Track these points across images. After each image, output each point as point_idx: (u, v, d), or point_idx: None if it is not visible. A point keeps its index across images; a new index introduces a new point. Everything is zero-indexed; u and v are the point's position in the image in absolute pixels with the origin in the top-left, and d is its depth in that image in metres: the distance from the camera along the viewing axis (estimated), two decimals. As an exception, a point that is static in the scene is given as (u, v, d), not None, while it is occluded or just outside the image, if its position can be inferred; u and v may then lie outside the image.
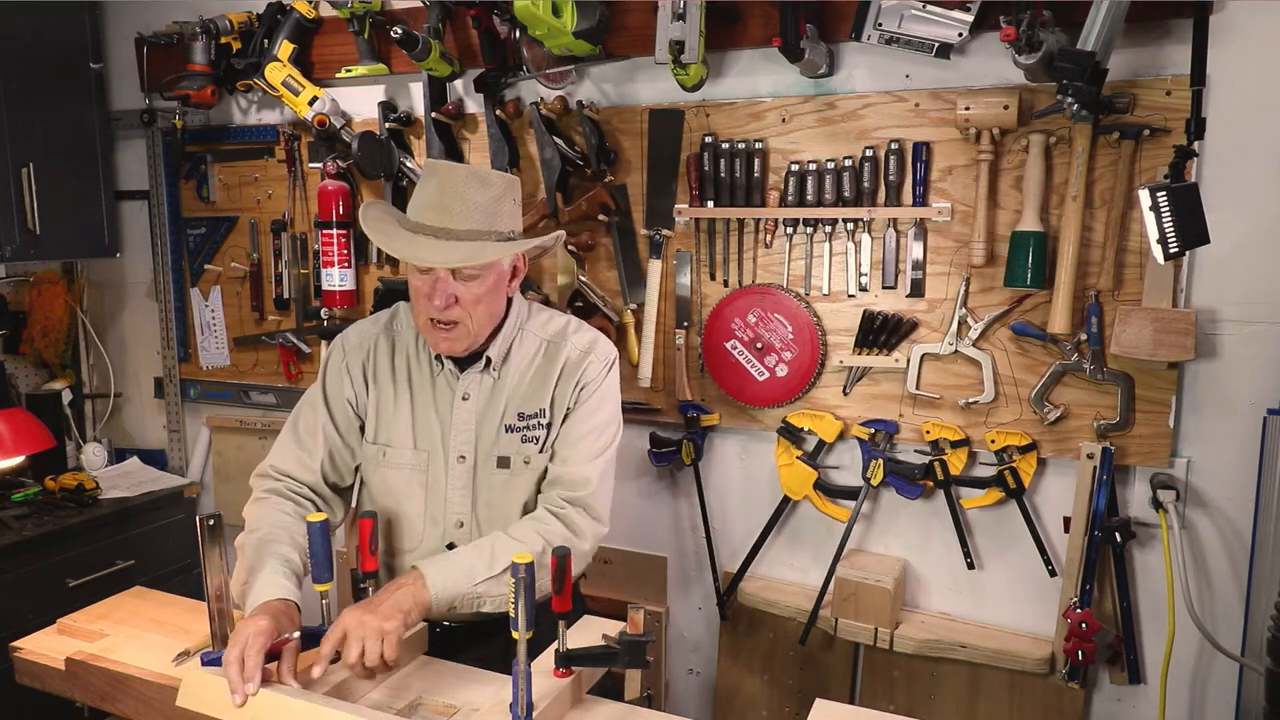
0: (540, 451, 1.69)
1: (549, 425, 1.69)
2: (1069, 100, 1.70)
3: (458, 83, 2.46)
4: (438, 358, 1.68)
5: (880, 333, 2.12)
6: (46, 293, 2.98)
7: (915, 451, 2.16)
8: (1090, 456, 1.95)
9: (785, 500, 2.28)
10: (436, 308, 1.57)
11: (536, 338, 1.73)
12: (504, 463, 1.68)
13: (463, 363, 1.69)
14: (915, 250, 2.07)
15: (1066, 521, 2.02)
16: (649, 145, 2.27)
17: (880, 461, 2.13)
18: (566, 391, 1.69)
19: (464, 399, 1.68)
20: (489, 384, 1.69)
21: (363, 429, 1.73)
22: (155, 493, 2.86)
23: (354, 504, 1.83)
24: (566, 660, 1.41)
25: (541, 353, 1.72)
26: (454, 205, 1.55)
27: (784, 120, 2.15)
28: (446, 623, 1.69)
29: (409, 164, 2.49)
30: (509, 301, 1.70)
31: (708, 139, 2.20)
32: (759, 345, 2.21)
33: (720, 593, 2.38)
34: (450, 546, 1.67)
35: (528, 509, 1.70)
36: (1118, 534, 1.95)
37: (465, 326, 1.60)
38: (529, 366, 1.71)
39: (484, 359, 1.68)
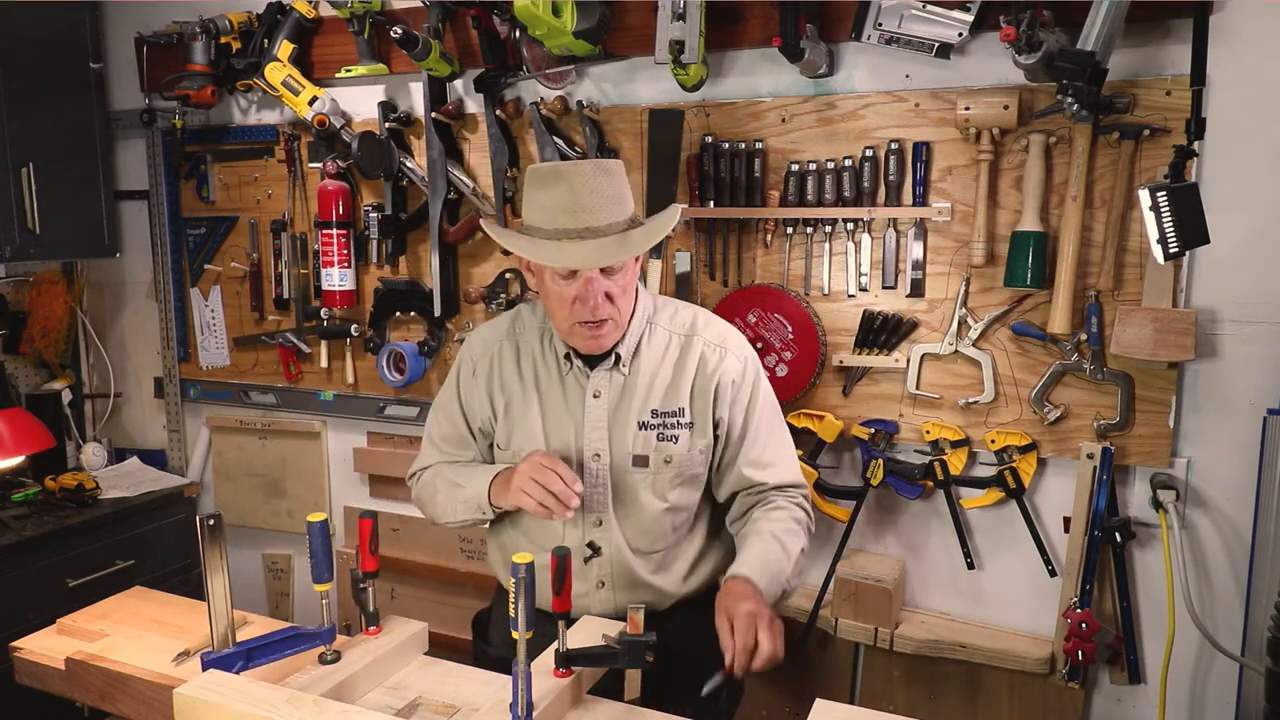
0: (688, 452, 1.65)
1: (690, 425, 1.65)
2: (1069, 100, 1.70)
3: (458, 83, 2.45)
4: (566, 356, 1.65)
5: (880, 333, 2.12)
6: (46, 293, 2.98)
7: (915, 451, 2.16)
8: (1090, 456, 1.95)
9: (785, 500, 2.28)
10: (591, 309, 1.53)
11: (666, 331, 1.69)
12: (641, 461, 1.64)
13: (592, 360, 1.66)
14: (915, 250, 2.07)
15: (1066, 521, 2.02)
16: (649, 145, 2.27)
17: (880, 461, 2.13)
18: (708, 390, 1.65)
19: (595, 396, 1.65)
20: (619, 381, 1.65)
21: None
22: (155, 493, 2.86)
23: None
24: (566, 660, 1.41)
25: (674, 348, 1.68)
26: (592, 202, 1.51)
27: (784, 120, 2.15)
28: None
29: (409, 164, 2.49)
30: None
31: (708, 139, 2.20)
32: (759, 345, 2.20)
33: (720, 593, 2.38)
34: (591, 545, 1.65)
35: (669, 507, 1.66)
36: (1118, 534, 1.95)
37: (614, 321, 1.58)
38: (661, 362, 1.67)
39: (613, 356, 1.64)
